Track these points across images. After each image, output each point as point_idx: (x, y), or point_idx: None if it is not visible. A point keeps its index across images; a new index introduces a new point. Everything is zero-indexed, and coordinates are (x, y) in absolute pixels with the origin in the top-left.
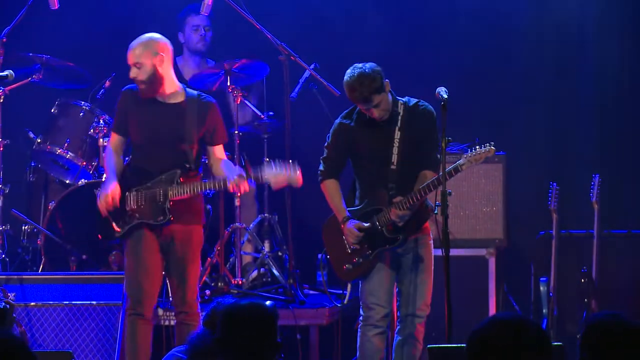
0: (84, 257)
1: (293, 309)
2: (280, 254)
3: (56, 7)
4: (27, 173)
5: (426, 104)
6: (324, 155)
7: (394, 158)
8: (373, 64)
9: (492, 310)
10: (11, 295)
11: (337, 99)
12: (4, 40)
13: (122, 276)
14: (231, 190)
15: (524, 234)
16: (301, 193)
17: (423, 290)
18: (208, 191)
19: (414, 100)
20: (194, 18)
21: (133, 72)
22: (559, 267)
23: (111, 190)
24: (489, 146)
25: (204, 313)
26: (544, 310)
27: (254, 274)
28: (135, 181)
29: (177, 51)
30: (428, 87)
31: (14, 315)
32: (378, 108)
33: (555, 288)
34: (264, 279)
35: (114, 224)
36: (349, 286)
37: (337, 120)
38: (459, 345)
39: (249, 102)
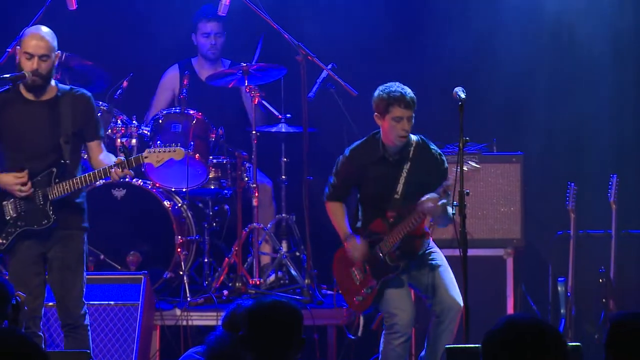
0: (101, 257)
1: (311, 309)
2: (297, 254)
3: (74, 8)
4: None
5: (436, 147)
6: (331, 181)
7: (399, 188)
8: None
9: (510, 311)
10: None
11: (354, 99)
12: None
13: (140, 276)
14: (113, 178)
15: (541, 234)
16: (319, 193)
17: (448, 283)
18: (96, 183)
19: (427, 141)
20: (205, 25)
21: (35, 64)
22: (576, 267)
23: (11, 179)
24: (475, 164)
25: (222, 314)
26: (561, 311)
27: (272, 274)
28: None
29: (192, 52)
30: (446, 86)
31: (26, 308)
32: (410, 122)
33: (573, 288)
34: (282, 280)
35: None
36: (361, 318)
37: (347, 153)
38: (477, 345)
39: (267, 102)
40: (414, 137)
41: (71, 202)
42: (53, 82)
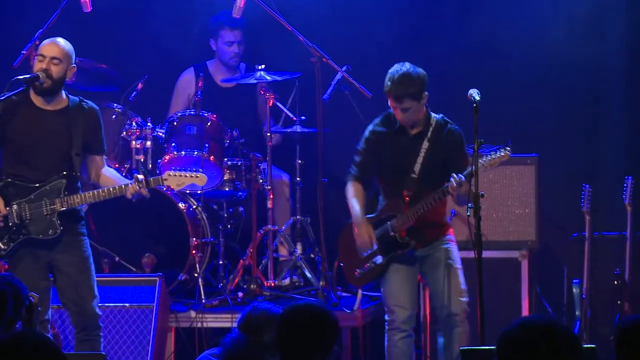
0: (116, 259)
1: None
2: (312, 256)
3: (89, 10)
4: None
5: (455, 126)
6: (355, 159)
7: (417, 167)
8: (422, 70)
9: (525, 313)
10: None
11: (369, 101)
12: (37, 42)
13: (155, 278)
14: (129, 196)
15: (556, 236)
16: (333, 195)
17: (452, 281)
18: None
19: (448, 121)
20: (228, 33)
21: (45, 64)
22: (591, 269)
23: None
24: (504, 150)
25: (238, 316)
26: (576, 313)
27: (287, 276)
28: (14, 194)
29: (209, 55)
30: (461, 88)
31: (39, 308)
32: (405, 112)
33: (588, 290)
34: (297, 282)
35: None
36: (359, 292)
37: (370, 128)
38: (492, 347)
39: (281, 104)
40: (435, 117)
41: (74, 209)
42: (64, 94)
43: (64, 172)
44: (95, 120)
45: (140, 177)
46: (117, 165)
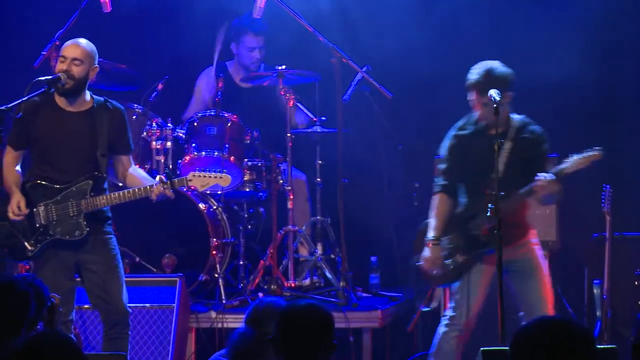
0: (137, 259)
1: (346, 311)
2: (333, 256)
3: (109, 10)
4: None
5: (537, 126)
6: (440, 168)
7: (500, 166)
8: (510, 70)
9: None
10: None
11: (389, 102)
12: (57, 43)
13: (175, 279)
14: (154, 198)
15: (577, 237)
16: (354, 195)
17: (542, 291)
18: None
19: (529, 122)
20: (250, 39)
21: (66, 65)
22: (612, 269)
23: (14, 201)
24: (595, 149)
25: (246, 311)
26: (597, 313)
27: (307, 276)
28: (41, 195)
29: (229, 56)
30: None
31: (60, 309)
32: (487, 107)
33: (609, 290)
34: (317, 282)
35: (25, 243)
36: (439, 292)
37: (452, 132)
38: None
39: (302, 104)
40: (516, 118)
41: (100, 210)
42: (88, 95)
43: (91, 174)
44: (120, 119)
45: (163, 178)
46: (137, 166)
